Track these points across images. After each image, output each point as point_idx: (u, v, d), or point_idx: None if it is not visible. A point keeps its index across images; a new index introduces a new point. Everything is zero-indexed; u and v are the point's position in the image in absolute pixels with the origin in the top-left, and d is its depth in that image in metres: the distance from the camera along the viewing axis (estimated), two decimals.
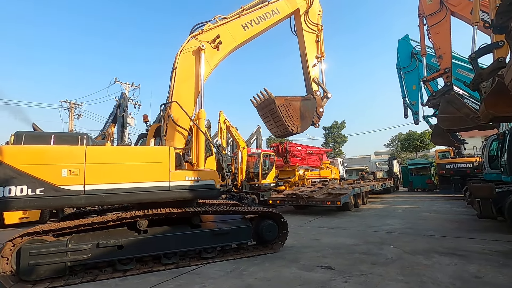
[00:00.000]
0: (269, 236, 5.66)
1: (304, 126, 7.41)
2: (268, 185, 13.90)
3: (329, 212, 11.34)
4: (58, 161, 4.21)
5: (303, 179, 16.83)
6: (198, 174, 5.30)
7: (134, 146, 5.01)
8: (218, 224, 5.42)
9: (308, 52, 7.98)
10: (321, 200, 10.45)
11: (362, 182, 16.18)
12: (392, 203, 14.34)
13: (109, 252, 4.35)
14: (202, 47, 6.25)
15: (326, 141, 49.40)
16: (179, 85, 6.12)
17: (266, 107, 7.23)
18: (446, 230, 7.16)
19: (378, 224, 8.46)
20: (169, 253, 4.79)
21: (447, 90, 9.23)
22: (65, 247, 4.06)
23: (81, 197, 4.31)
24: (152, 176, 4.87)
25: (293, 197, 11.00)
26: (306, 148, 19.31)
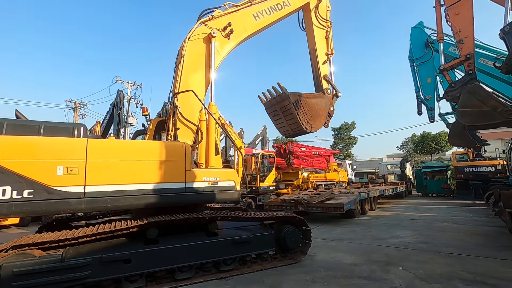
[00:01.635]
0: (292, 244, 5.23)
1: (318, 125, 7.17)
2: (267, 188, 13.32)
3: (332, 220, 10.62)
4: (52, 156, 3.61)
5: (307, 182, 15.98)
6: (217, 174, 4.78)
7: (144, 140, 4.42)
8: (235, 231, 4.88)
9: (318, 48, 7.86)
10: (322, 206, 9.74)
11: (371, 186, 15.44)
12: (404, 210, 13.53)
13: (114, 267, 3.74)
14: (213, 34, 5.93)
15: (335, 142, 48.50)
16: (188, 75, 5.72)
17: (277, 104, 6.95)
18: (469, 247, 6.15)
19: (386, 235, 7.59)
20: (184, 266, 4.22)
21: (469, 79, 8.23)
22: (59, 263, 3.43)
23: (81, 200, 3.71)
24: (166, 176, 4.32)
25: (291, 202, 10.39)
26: (311, 149, 18.62)
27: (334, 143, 48.62)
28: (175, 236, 4.34)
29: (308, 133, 7.09)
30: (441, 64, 9.25)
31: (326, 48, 7.99)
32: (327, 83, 7.71)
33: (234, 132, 13.75)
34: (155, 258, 4.02)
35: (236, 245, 4.62)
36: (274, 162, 14.19)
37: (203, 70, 5.92)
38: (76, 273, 3.52)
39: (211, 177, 4.67)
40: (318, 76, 7.73)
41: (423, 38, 12.69)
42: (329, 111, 7.44)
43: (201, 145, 5.63)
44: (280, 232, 5.20)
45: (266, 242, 4.98)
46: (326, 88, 7.61)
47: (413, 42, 13.00)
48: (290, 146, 16.26)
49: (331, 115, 7.56)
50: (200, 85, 5.82)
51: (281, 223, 5.33)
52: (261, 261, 4.93)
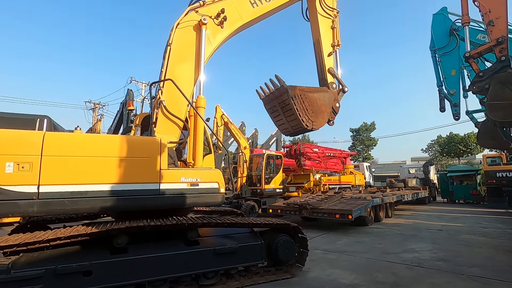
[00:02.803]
0: (284, 256, 4.63)
1: (321, 122, 6.58)
2: (273, 190, 12.70)
3: (340, 227, 9.77)
4: (0, 151, 3.23)
5: (319, 185, 15.23)
6: (198, 175, 4.26)
7: (112, 134, 3.98)
8: (220, 239, 4.33)
9: (323, 39, 7.32)
10: (329, 212, 8.94)
11: (388, 191, 14.20)
12: (425, 218, 12.33)
13: (71, 280, 3.29)
14: (203, 21, 5.48)
15: (353, 144, 46.44)
16: (174, 65, 5.30)
17: (276, 99, 6.45)
18: (500, 268, 5.11)
19: (398, 249, 6.62)
20: (157, 280, 3.72)
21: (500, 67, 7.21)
22: (5, 275, 3.02)
23: (34, 202, 3.29)
24: (136, 175, 3.85)
25: (295, 207, 9.71)
26: (325, 150, 17.70)
27: (353, 145, 46.64)
28: (148, 245, 3.85)
29: (309, 130, 6.56)
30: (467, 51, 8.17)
31: (332, 39, 7.41)
32: (332, 77, 7.12)
33: (239, 131, 13.28)
34: (122, 270, 3.54)
35: (219, 256, 4.07)
36: (282, 163, 13.57)
37: (192, 61, 5.48)
38: (25, 287, 3.09)
39: (191, 178, 4.15)
40: (323, 69, 7.17)
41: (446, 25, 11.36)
42: (334, 107, 6.84)
43: (189, 143, 5.20)
44: (271, 241, 4.60)
45: (255, 253, 4.40)
46: (331, 83, 7.03)
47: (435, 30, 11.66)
48: (301, 147, 15.41)
49: (336, 112, 6.94)
50: (188, 77, 5.37)
51: (273, 231, 4.74)
52: (251, 275, 4.35)
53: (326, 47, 7.21)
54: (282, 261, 4.54)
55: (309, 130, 6.44)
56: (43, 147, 3.40)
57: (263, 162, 12.69)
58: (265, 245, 4.50)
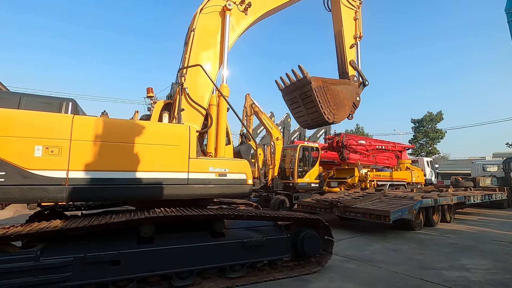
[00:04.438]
0: (310, 250, 4.51)
1: (342, 115, 6.44)
2: (307, 185, 11.74)
3: (380, 230, 8.48)
4: (29, 133, 3.03)
5: (365, 180, 13.38)
6: (226, 165, 4.12)
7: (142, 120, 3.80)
8: (245, 232, 4.21)
9: (345, 30, 7.08)
10: (363, 212, 7.84)
11: (451, 191, 11.71)
12: (496, 226, 9.80)
13: (100, 270, 3.15)
14: (228, 7, 5.26)
15: (415, 136, 40.80)
16: (198, 52, 5.10)
17: (297, 89, 6.28)
18: None
19: (442, 264, 5.26)
20: (183, 271, 3.60)
21: None
22: (34, 262, 2.87)
23: (63, 188, 3.12)
24: (165, 164, 3.69)
25: (325, 204, 8.80)
26: (375, 142, 15.60)
27: (414, 137, 40.86)
28: (174, 235, 3.71)
29: (329, 124, 6.46)
30: None
31: (354, 30, 7.19)
32: (354, 70, 6.94)
33: (271, 121, 12.76)
34: (149, 261, 3.41)
35: (245, 249, 3.95)
36: (319, 155, 12.66)
37: (215, 47, 5.28)
38: (53, 274, 2.95)
39: (219, 168, 4.00)
40: (344, 61, 6.98)
41: None
42: (355, 101, 6.70)
43: (210, 132, 5.02)
44: (297, 235, 4.49)
45: (281, 246, 4.30)
46: (352, 75, 6.86)
47: None
48: (344, 138, 13.63)
49: (357, 106, 6.81)
50: (211, 65, 5.18)
51: (299, 226, 4.63)
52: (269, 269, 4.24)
53: (348, 38, 7.01)
54: (307, 254, 4.44)
55: (330, 123, 6.33)
56: (72, 131, 3.21)
57: (296, 154, 11.82)
58: (291, 239, 4.39)
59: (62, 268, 2.98)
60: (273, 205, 10.73)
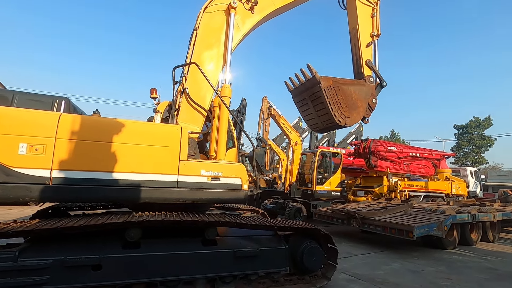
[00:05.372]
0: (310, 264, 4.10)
1: (355, 118, 6.01)
2: (327, 193, 11.10)
3: (405, 247, 7.47)
4: (14, 131, 2.99)
5: (395, 190, 12.21)
6: (219, 169, 3.87)
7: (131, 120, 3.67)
8: (240, 241, 3.92)
9: (361, 28, 6.67)
10: (383, 226, 7.00)
11: (496, 205, 10.32)
12: None
13: (79, 274, 3.01)
14: (233, 5, 5.07)
15: (459, 144, 38.24)
16: (200, 52, 4.96)
17: (306, 91, 5.95)
18: None
19: None
20: (170, 280, 3.39)
21: None
22: (12, 263, 2.79)
23: (46, 187, 3.04)
24: (153, 165, 3.52)
25: (342, 215, 8.16)
26: (407, 149, 14.31)
27: (458, 145, 38.44)
28: (162, 241, 3.52)
29: (341, 127, 6.03)
30: None
31: (371, 28, 6.73)
32: (370, 70, 6.48)
33: (289, 125, 12.30)
34: (133, 267, 3.23)
35: (238, 260, 3.66)
36: (341, 162, 11.93)
37: (218, 47, 5.11)
38: (31, 277, 2.85)
39: (212, 171, 3.76)
40: (359, 61, 6.54)
41: None
42: (370, 102, 6.23)
43: (212, 135, 4.83)
44: (297, 247, 4.12)
45: (278, 258, 3.96)
46: (368, 76, 6.40)
47: None
48: (371, 144, 12.54)
49: (373, 108, 6.31)
50: (213, 65, 5.01)
51: (299, 236, 4.26)
52: (270, 282, 3.92)
53: (364, 37, 6.57)
54: (308, 269, 4.05)
55: (341, 127, 5.91)
56: (58, 129, 3.14)
57: (315, 160, 11.17)
58: (290, 251, 4.03)
59: (40, 271, 2.87)
60: (289, 213, 10.18)
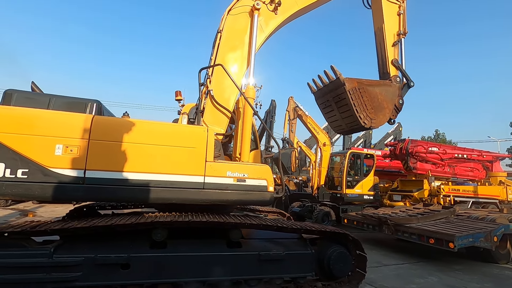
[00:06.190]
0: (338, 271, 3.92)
1: (381, 120, 5.81)
2: (358, 197, 10.53)
3: (447, 258, 6.70)
4: (51, 132, 3.12)
5: (438, 195, 11.16)
6: (245, 170, 3.83)
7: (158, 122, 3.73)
8: (264, 243, 3.84)
9: (387, 27, 6.46)
10: (419, 234, 6.36)
11: None
12: None
13: (109, 272, 3.07)
14: (257, 6, 5.07)
15: None
16: (224, 54, 4.99)
17: (330, 92, 5.81)
18: None
19: None
20: (194, 282, 3.37)
21: None
22: (48, 259, 2.89)
23: (79, 187, 3.13)
24: (180, 166, 3.53)
25: (373, 220, 7.61)
26: (452, 150, 12.95)
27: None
28: (188, 242, 3.52)
29: (366, 129, 5.93)
30: None
31: (397, 26, 6.51)
32: (396, 70, 6.26)
33: (317, 125, 12.02)
34: (160, 267, 3.25)
35: (263, 263, 3.59)
36: (373, 164, 11.26)
37: (242, 49, 5.12)
38: (65, 273, 2.94)
39: (237, 173, 3.73)
40: (385, 60, 6.34)
41: None
42: (397, 103, 6.02)
43: (236, 136, 4.84)
44: (323, 252, 3.99)
45: (304, 263, 3.84)
46: (394, 76, 6.18)
47: None
48: (409, 145, 11.52)
49: (399, 109, 6.11)
50: (237, 67, 5.03)
51: (326, 241, 4.12)
52: (295, 287, 3.80)
53: (389, 36, 6.36)
54: (334, 276, 3.90)
55: (367, 129, 5.75)
56: (91, 131, 3.23)
57: (345, 162, 10.67)
58: (316, 255, 3.90)
59: (73, 267, 2.96)
60: (316, 217, 9.84)
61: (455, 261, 6.62)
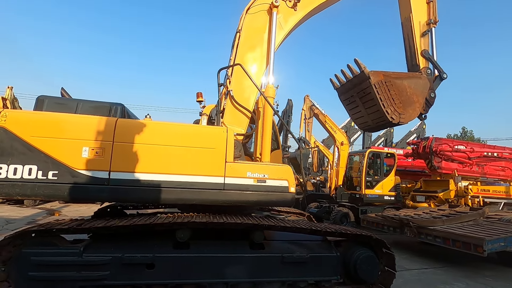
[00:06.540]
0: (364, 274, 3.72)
1: (410, 115, 5.45)
2: (378, 197, 10.22)
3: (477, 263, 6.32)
4: (78, 135, 3.24)
5: (465, 196, 10.59)
6: (265, 170, 3.76)
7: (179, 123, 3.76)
8: (288, 246, 3.74)
9: (416, 16, 6.05)
10: (444, 237, 5.98)
11: None
12: None
13: (135, 271, 3.13)
14: (275, 4, 4.98)
15: None
16: (243, 53, 4.95)
17: (354, 87, 5.54)
18: None
19: None
20: (217, 283, 3.35)
21: None
22: (77, 257, 3.00)
23: (104, 188, 3.23)
24: (200, 167, 3.54)
25: (394, 222, 7.25)
26: (481, 148, 12.24)
27: None
28: (211, 243, 3.51)
29: (394, 125, 5.50)
30: None
31: (426, 15, 6.08)
32: (427, 61, 5.86)
33: (334, 124, 11.71)
34: (184, 267, 3.27)
35: (286, 265, 3.50)
36: (395, 163, 10.90)
37: (262, 48, 5.06)
38: (94, 271, 3.03)
39: (258, 173, 3.66)
40: (413, 52, 5.95)
41: None
42: (428, 97, 5.64)
43: (256, 136, 4.78)
44: (349, 255, 3.81)
45: (329, 266, 3.70)
46: (425, 68, 5.78)
47: None
48: (433, 143, 10.87)
49: (431, 103, 5.71)
50: (257, 66, 4.97)
51: (351, 243, 3.94)
52: None
53: (418, 25, 5.96)
54: (361, 279, 3.71)
55: (394, 125, 5.39)
56: (115, 133, 3.32)
57: (363, 161, 10.37)
58: (341, 258, 3.74)
59: (101, 266, 3.05)
60: (334, 218, 9.63)
61: (484, 266, 6.20)
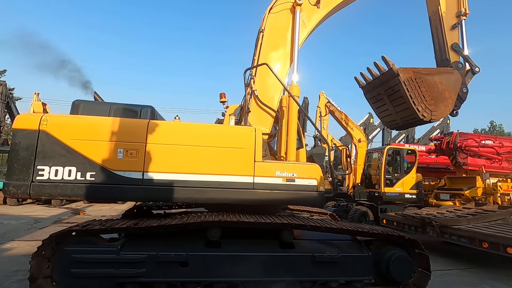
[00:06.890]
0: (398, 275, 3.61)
1: (442, 112, 5.24)
2: (399, 196, 9.87)
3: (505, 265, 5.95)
4: (113, 138, 3.35)
5: (494, 194, 9.95)
6: (294, 170, 3.75)
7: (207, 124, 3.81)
8: (318, 245, 3.70)
9: (444, 9, 5.80)
10: (469, 236, 5.68)
11: None
12: None
13: (170, 269, 3.20)
14: (298, 2, 4.94)
15: None
16: (267, 53, 4.94)
17: (382, 85, 5.38)
18: None
19: None
20: (249, 281, 3.37)
21: None
22: (115, 255, 3.10)
23: (138, 188, 3.32)
24: (230, 167, 3.57)
25: (416, 221, 6.97)
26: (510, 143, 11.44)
27: None
28: (241, 242, 3.54)
29: (425, 123, 5.32)
30: None
31: (456, 7, 5.82)
32: (457, 55, 5.59)
33: (350, 121, 11.52)
34: (215, 266, 3.31)
35: (317, 265, 3.46)
36: (416, 160, 10.54)
37: (285, 46, 5.03)
38: (131, 269, 3.13)
39: (287, 172, 3.65)
40: (443, 46, 5.70)
41: None
42: (460, 93, 5.38)
43: (281, 136, 4.76)
44: (381, 255, 3.72)
45: (361, 266, 3.62)
46: (456, 62, 5.52)
47: None
48: (458, 138, 10.37)
49: (463, 99, 5.45)
50: (281, 65, 4.94)
51: (382, 243, 3.84)
52: None
53: (448, 18, 5.71)
54: (395, 280, 3.61)
55: (426, 122, 5.18)
56: (147, 135, 3.40)
57: (382, 158, 10.04)
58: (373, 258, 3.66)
59: (138, 264, 3.14)
60: (352, 217, 9.48)
61: None
